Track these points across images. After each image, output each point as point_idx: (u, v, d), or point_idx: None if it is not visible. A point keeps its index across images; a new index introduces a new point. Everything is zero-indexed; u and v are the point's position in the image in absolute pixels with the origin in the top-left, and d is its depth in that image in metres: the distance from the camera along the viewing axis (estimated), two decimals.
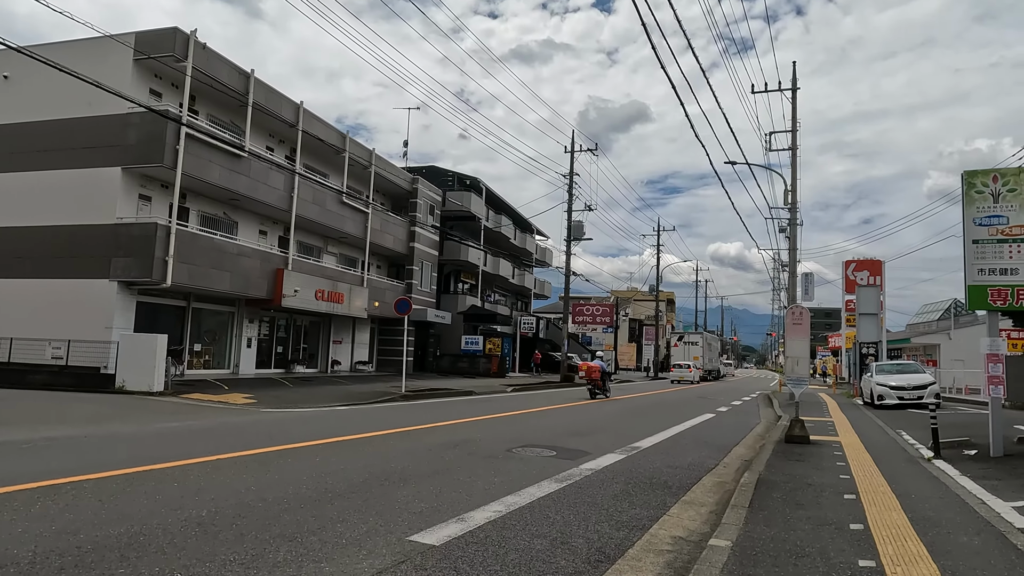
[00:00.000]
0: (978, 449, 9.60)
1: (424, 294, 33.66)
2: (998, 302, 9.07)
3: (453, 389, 22.67)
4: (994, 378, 9.04)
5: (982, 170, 9.36)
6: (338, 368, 28.94)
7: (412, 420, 13.00)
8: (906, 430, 13.08)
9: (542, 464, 8.40)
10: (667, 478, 7.91)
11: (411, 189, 32.86)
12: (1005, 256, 9.06)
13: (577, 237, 34.44)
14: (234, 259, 21.03)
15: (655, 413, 17.42)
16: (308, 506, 5.67)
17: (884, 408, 19.60)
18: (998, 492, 6.72)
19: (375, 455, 8.52)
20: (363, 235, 28.48)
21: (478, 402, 18.95)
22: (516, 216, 45.77)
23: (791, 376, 11.14)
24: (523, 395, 23.24)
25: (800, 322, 11.02)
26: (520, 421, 13.91)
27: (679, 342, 50.51)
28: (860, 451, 10.01)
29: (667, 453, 10.00)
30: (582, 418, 15.21)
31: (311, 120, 24.83)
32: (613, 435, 11.91)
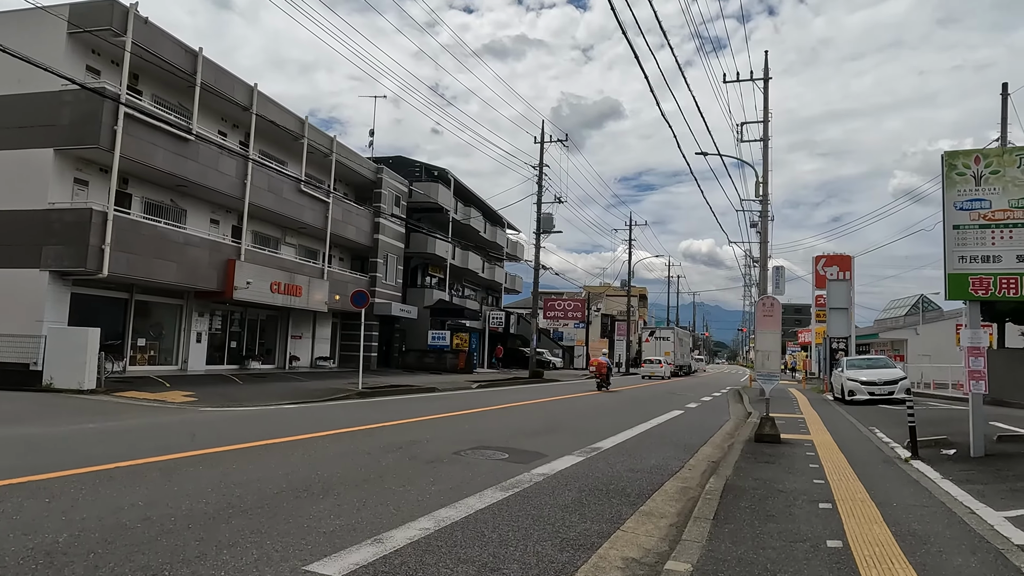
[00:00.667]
0: (957, 448, 9.04)
1: (389, 288, 32.65)
2: (980, 292, 8.49)
3: (415, 385, 21.77)
4: (975, 373, 8.46)
5: (963, 150, 8.77)
6: (297, 364, 27.81)
7: (361, 419, 12.10)
8: (880, 427, 12.56)
9: (490, 469, 7.59)
10: (626, 484, 7.17)
11: (375, 179, 31.78)
12: (987, 242, 8.48)
13: (547, 230, 33.70)
14: (181, 249, 19.84)
15: (622, 410, 16.74)
16: (198, 526, 4.79)
17: (855, 404, 19.20)
18: (986, 499, 6.08)
19: (303, 460, 7.63)
20: (323, 226, 27.37)
21: (438, 399, 18.10)
22: (486, 209, 44.88)
23: (762, 371, 10.50)
24: (488, 392, 22.43)
25: (771, 314, 10.38)
26: (478, 419, 13.10)
27: (650, 337, 50.18)
28: (834, 451, 9.40)
29: (630, 454, 9.28)
30: (543, 416, 14.46)
31: (266, 104, 23.65)
32: (575, 434, 11.17)
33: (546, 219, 33.54)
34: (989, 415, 15.32)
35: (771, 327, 10.40)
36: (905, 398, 19.69)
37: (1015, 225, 8.39)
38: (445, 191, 36.74)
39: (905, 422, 12.84)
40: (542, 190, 33.20)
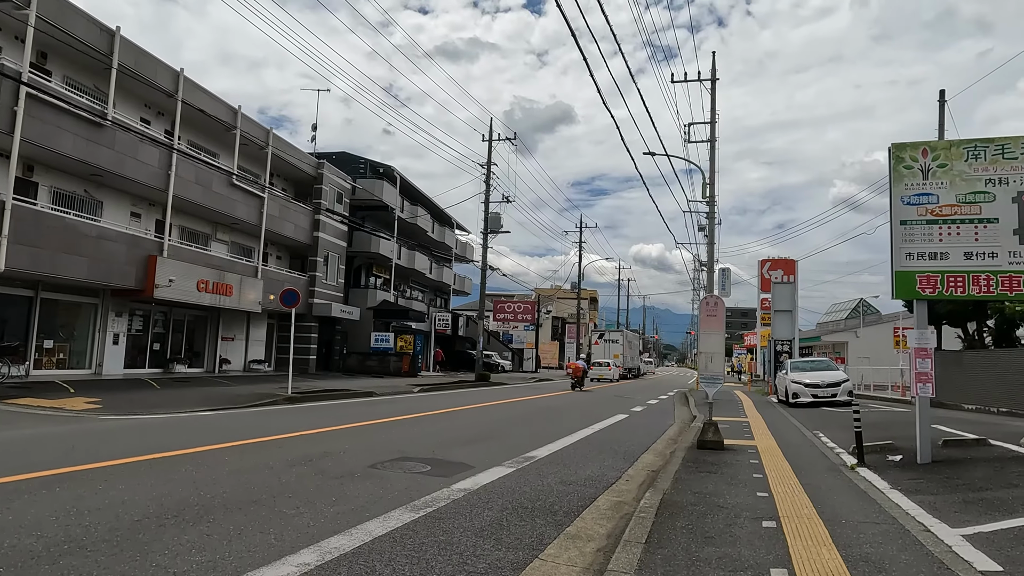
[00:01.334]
0: (903, 454, 8.66)
1: (330, 288, 31.36)
2: (927, 290, 8.11)
3: (351, 390, 20.70)
4: (922, 375, 8.08)
5: (911, 143, 8.40)
6: (228, 368, 26.32)
7: (280, 427, 11.10)
8: (824, 431, 12.24)
9: (406, 485, 6.78)
10: (555, 500, 6.46)
11: (316, 174, 30.48)
12: (935, 239, 8.12)
13: (494, 229, 32.99)
14: (94, 243, 18.33)
15: (565, 414, 16.11)
16: (10, 573, 3.84)
17: (799, 406, 19.07)
18: (939, 513, 5.59)
19: (189, 478, 6.66)
20: (258, 222, 25.99)
21: (373, 404, 17.13)
22: (434, 208, 43.90)
23: (705, 373, 9.97)
24: (429, 396, 21.54)
25: (715, 313, 9.87)
26: (410, 426, 12.24)
27: (600, 340, 49.98)
28: (778, 458, 8.91)
29: (565, 464, 8.59)
30: (482, 421, 13.69)
31: (194, 91, 22.24)
32: (510, 442, 10.44)
33: (494, 218, 32.83)
34: (930, 417, 15.38)
35: (715, 327, 9.89)
36: (848, 400, 19.69)
37: (962, 221, 8.05)
38: (390, 189, 35.64)
39: (850, 426, 12.57)
40: (490, 189, 32.48)
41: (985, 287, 7.87)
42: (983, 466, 7.59)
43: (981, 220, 7.98)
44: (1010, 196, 7.93)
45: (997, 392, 18.30)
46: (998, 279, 7.84)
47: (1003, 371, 18.11)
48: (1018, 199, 7.88)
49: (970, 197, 8.04)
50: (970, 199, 8.04)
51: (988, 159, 8.05)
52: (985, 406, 18.63)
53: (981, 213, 8.00)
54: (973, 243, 7.97)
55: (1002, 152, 8.01)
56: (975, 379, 19.25)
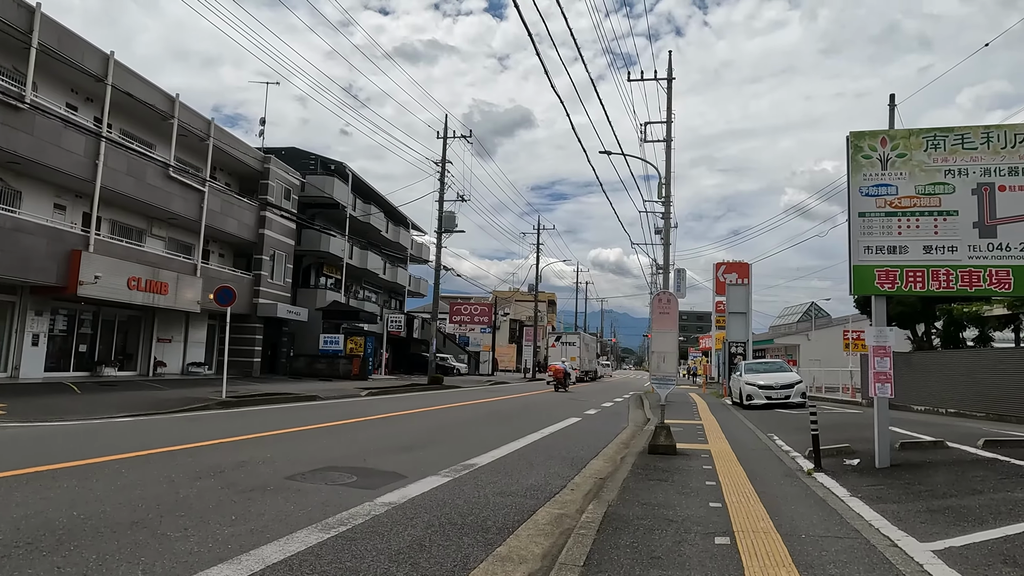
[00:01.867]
0: (860, 457, 8.28)
1: (276, 287, 30.11)
2: (886, 285, 7.74)
3: (293, 394, 19.68)
4: (881, 375, 7.69)
5: (870, 131, 8.04)
6: (163, 371, 24.90)
7: (202, 435, 10.17)
8: (778, 433, 11.88)
9: (323, 499, 6.04)
10: (490, 514, 5.80)
11: (262, 169, 29.23)
12: (894, 231, 7.76)
13: (448, 229, 32.22)
14: (9, 236, 16.94)
15: (516, 418, 15.48)
16: None
17: (753, 408, 18.86)
18: (905, 524, 5.12)
19: (67, 494, 5.78)
20: (198, 217, 24.68)
21: (314, 409, 16.21)
22: (388, 207, 42.87)
23: (657, 374, 9.45)
24: (377, 400, 20.65)
25: (667, 311, 9.37)
26: (348, 432, 11.42)
27: (556, 342, 49.58)
28: (732, 463, 8.43)
29: (507, 472, 7.94)
30: (427, 426, 12.95)
31: (127, 76, 20.93)
32: (451, 448, 9.75)
33: (448, 217, 32.06)
34: (869, 416, 15.24)
35: (668, 326, 9.38)
36: (801, 402, 19.57)
37: (922, 213, 7.71)
38: (342, 186, 34.53)
39: (804, 428, 12.24)
40: (444, 187, 31.72)
41: (945, 282, 7.54)
42: (944, 470, 7.23)
43: (941, 212, 7.65)
44: (969, 188, 7.62)
45: (946, 393, 18.39)
46: (958, 274, 7.51)
47: (951, 372, 18.22)
48: (978, 191, 7.58)
49: (929, 188, 7.70)
50: (929, 190, 7.70)
51: (948, 149, 7.73)
52: (934, 407, 18.71)
53: (941, 205, 7.67)
54: (933, 236, 7.63)
55: (962, 142, 7.70)
56: (924, 380, 19.35)
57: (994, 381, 16.37)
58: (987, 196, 7.52)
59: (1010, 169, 7.52)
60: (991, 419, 16.02)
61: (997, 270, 7.41)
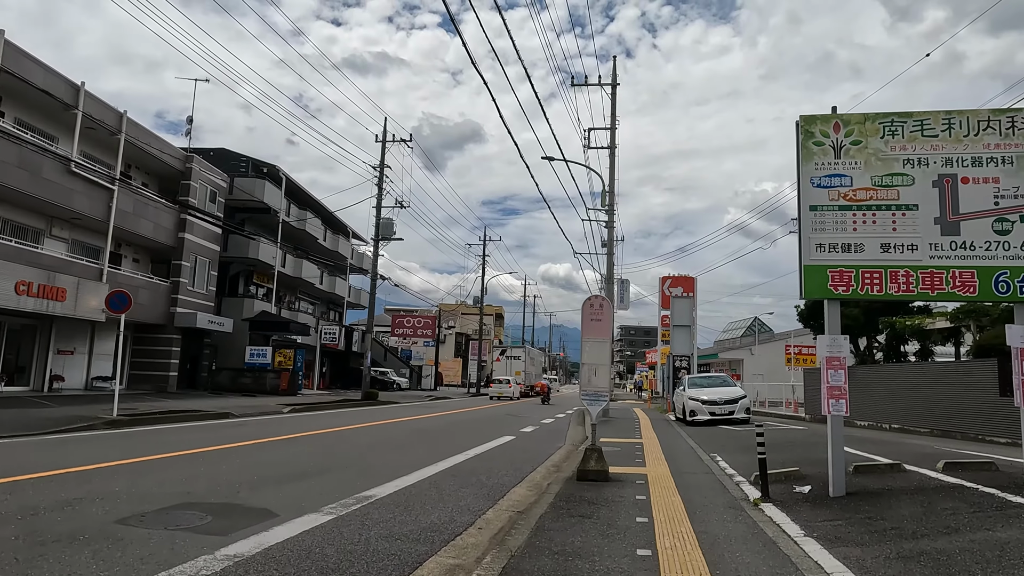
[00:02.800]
0: (811, 484, 7.33)
1: (197, 296, 28.01)
2: (840, 288, 6.84)
3: (203, 411, 17.88)
4: (835, 389, 6.76)
5: (822, 115, 7.17)
6: (61, 386, 22.57)
7: (49, 463, 8.53)
8: (722, 454, 10.93)
9: (150, 550, 4.66)
10: (363, 567, 4.54)
11: (184, 169, 27.24)
12: (848, 227, 6.88)
13: (386, 236, 30.75)
14: None
15: (443, 437, 14.19)
16: None
17: (696, 424, 18.04)
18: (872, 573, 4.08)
19: None
20: (105, 217, 22.60)
21: (218, 429, 14.54)
22: (327, 215, 41.07)
23: (588, 389, 8.34)
24: (298, 417, 19.01)
25: (600, 317, 8.29)
26: (237, 456, 9.92)
27: (501, 356, 48.48)
28: (670, 491, 7.36)
29: (407, 506, 6.67)
30: (339, 448, 11.53)
31: (21, 59, 18.91)
32: (353, 475, 8.42)
33: (386, 224, 30.61)
34: (819, 434, 14.41)
35: (600, 334, 8.30)
36: (745, 418, 18.84)
37: (879, 207, 6.86)
38: (274, 190, 32.68)
39: (749, 447, 11.31)
40: (382, 192, 30.29)
41: (904, 285, 6.68)
42: (907, 501, 6.30)
43: (899, 207, 6.81)
44: (930, 179, 6.81)
45: (889, 408, 17.96)
46: (918, 276, 6.66)
47: (895, 387, 17.80)
48: (939, 183, 6.77)
49: (887, 180, 6.86)
50: (887, 182, 6.86)
51: (906, 136, 6.91)
52: (878, 422, 18.27)
53: (899, 198, 6.83)
54: (891, 233, 6.78)
55: (921, 128, 6.90)
56: (868, 395, 18.92)
57: (938, 396, 15.95)
58: (949, 189, 6.72)
59: (973, 159, 6.74)
60: (935, 435, 15.57)
61: (961, 271, 6.59)
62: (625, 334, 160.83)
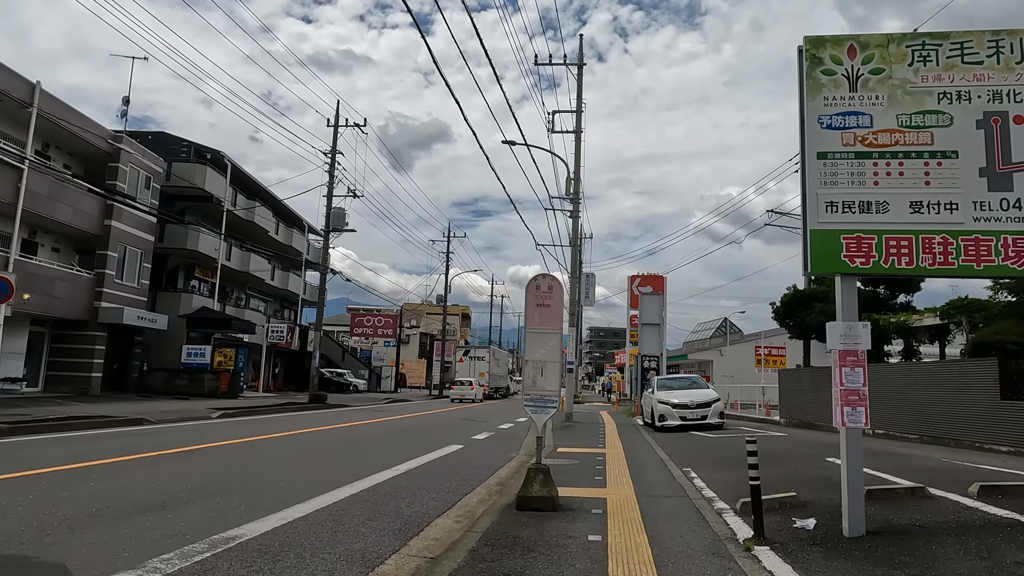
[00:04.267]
0: (815, 515, 5.68)
1: (127, 289, 25.60)
2: (858, 260, 5.20)
3: (112, 417, 15.69)
4: (851, 394, 5.11)
5: (832, 36, 5.52)
6: None
7: None
8: (697, 468, 9.27)
9: None
10: None
11: (111, 151, 24.85)
12: (868, 180, 5.25)
13: (337, 227, 28.68)
14: None
15: (374, 448, 12.32)
16: None
17: (666, 430, 16.45)
18: None
19: None
20: (12, 200, 20.20)
21: (117, 438, 12.46)
22: (280, 207, 38.77)
23: (532, 393, 6.58)
24: (224, 424, 16.95)
25: (547, 302, 6.55)
26: (98, 477, 7.94)
27: (464, 357, 46.64)
28: (634, 528, 5.63)
29: (275, 556, 4.84)
30: (242, 462, 9.60)
31: None
32: (230, 503, 6.54)
33: (337, 215, 28.54)
34: (803, 442, 12.90)
35: (549, 323, 6.56)
36: (719, 423, 17.24)
37: (907, 154, 5.23)
38: (217, 177, 30.34)
39: (729, 460, 9.69)
40: (334, 180, 28.21)
41: (942, 256, 5.06)
42: (954, 547, 4.67)
43: (934, 154, 5.20)
44: (974, 118, 5.21)
45: (873, 412, 16.58)
46: (960, 244, 5.05)
47: (880, 389, 16.37)
48: (985, 123, 5.17)
49: (917, 119, 5.24)
50: (917, 122, 5.24)
51: (942, 63, 5.30)
52: None
53: (933, 143, 5.21)
54: (923, 188, 5.16)
55: (961, 53, 5.30)
56: None
57: (928, 399, 14.59)
58: (998, 131, 5.13)
59: None
60: (926, 442, 14.20)
61: (1015, 238, 4.99)
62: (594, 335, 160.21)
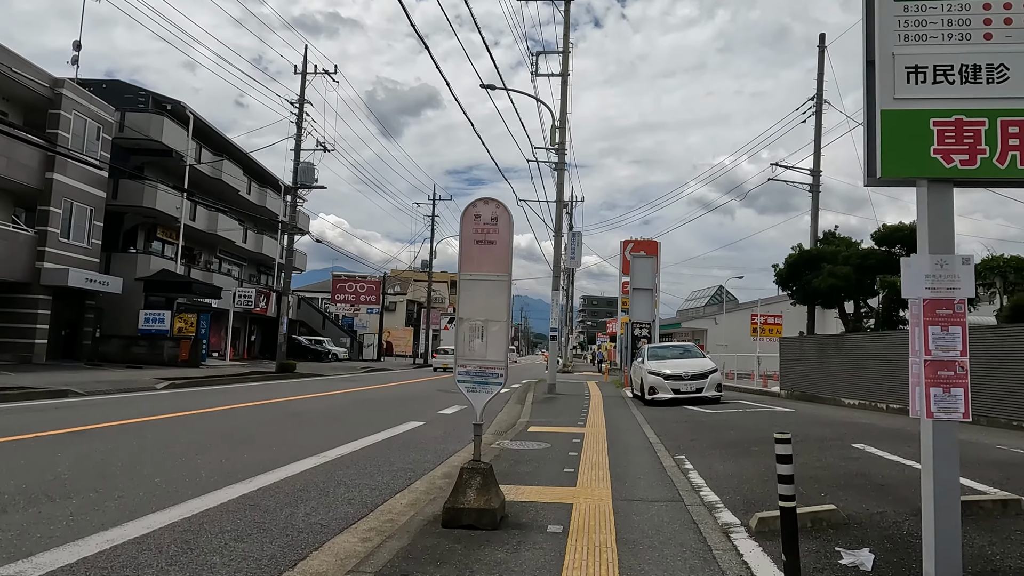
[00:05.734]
0: (871, 546, 3.89)
1: (74, 249, 23.56)
2: (956, 158, 3.31)
3: (31, 389, 13.87)
4: (943, 368, 3.28)
5: None
6: None
7: None
8: (693, 456, 7.49)
9: None
10: None
11: (52, 96, 22.57)
12: (975, 32, 3.32)
13: (306, 183, 26.57)
14: None
15: (318, 425, 10.55)
16: None
17: (657, 404, 14.72)
18: None
19: None
20: None
21: (17, 414, 10.64)
22: (252, 166, 36.55)
23: (469, 364, 4.74)
24: (165, 396, 15.17)
25: (492, 238, 4.67)
26: None
27: (450, 324, 44.84)
28: (602, 561, 3.83)
29: None
30: (140, 446, 7.77)
31: None
32: (79, 505, 4.74)
33: (306, 170, 26.41)
34: (815, 420, 10.77)
35: (490, 268, 4.69)
36: (716, 396, 15.35)
37: None
38: (177, 129, 28.04)
39: (731, 444, 7.96)
40: (302, 132, 26.02)
41: None
42: None
43: None
44: None
45: (886, 384, 14.91)
46: None
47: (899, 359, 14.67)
48: None
49: None
50: None
51: None
52: (871, 401, 15.25)
53: None
54: None
55: None
56: (860, 368, 15.87)
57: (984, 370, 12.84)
58: None
59: None
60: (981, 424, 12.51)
61: None
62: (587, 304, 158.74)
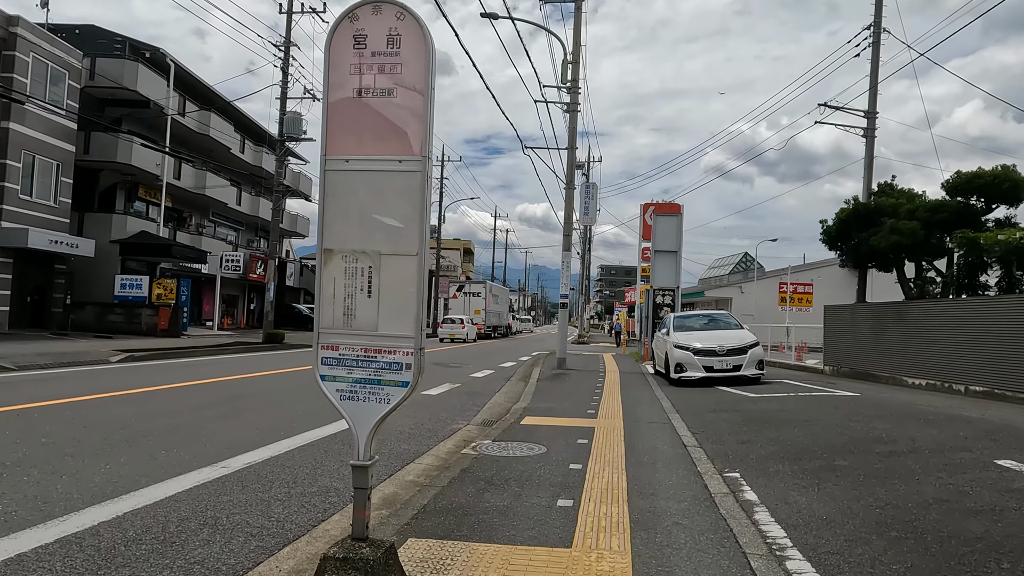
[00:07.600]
0: None
1: (37, 208, 21.45)
2: None
3: None
4: None
5: None
6: None
7: None
8: (751, 474, 5.06)
9: None
10: None
11: (6, 36, 20.24)
12: None
13: (293, 135, 24.11)
14: None
15: (255, 414, 8.30)
16: None
17: (686, 384, 12.27)
18: None
19: None
20: None
21: None
22: (244, 122, 34.17)
23: (340, 339, 2.33)
24: (111, 371, 13.09)
25: (384, 84, 2.22)
26: None
27: (458, 293, 42.57)
28: None
29: None
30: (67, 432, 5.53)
31: None
32: None
33: (293, 120, 23.95)
34: (899, 412, 8.04)
35: (383, 140, 2.24)
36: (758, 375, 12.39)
37: None
38: (155, 78, 25.64)
39: (797, 448, 5.54)
40: (288, 79, 23.51)
41: None
42: None
43: None
44: None
45: (963, 363, 12.31)
46: None
47: (980, 331, 12.03)
48: None
49: None
50: None
51: None
52: (944, 382, 12.66)
53: None
54: None
55: None
56: (929, 342, 13.28)
57: None
58: None
59: None
60: None
61: None
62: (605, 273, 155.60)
